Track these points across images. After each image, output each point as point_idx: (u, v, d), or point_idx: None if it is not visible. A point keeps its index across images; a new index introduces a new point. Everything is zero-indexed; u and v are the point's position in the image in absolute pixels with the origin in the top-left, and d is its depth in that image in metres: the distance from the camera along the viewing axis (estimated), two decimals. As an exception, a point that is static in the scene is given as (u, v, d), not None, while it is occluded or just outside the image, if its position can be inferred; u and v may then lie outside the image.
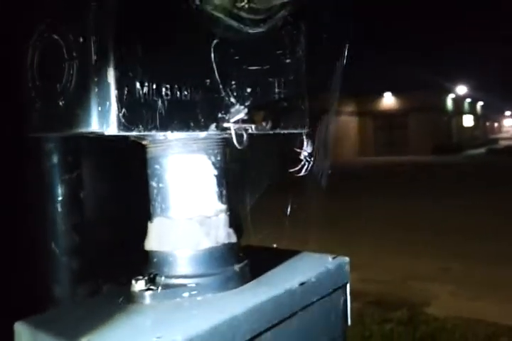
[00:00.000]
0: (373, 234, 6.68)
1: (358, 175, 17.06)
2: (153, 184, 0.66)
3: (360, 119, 30.71)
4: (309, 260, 0.80)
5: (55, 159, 0.66)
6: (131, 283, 0.63)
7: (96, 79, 0.49)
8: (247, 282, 0.68)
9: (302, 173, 0.69)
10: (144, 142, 0.67)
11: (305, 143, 0.70)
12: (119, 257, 0.69)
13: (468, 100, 42.82)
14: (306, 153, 0.69)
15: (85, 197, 0.68)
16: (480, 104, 50.45)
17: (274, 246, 0.86)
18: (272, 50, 0.72)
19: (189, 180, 0.65)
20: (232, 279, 0.66)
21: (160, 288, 0.63)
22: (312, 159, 0.68)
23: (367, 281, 4.72)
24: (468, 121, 42.67)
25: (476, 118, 47.52)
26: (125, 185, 0.74)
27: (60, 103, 0.53)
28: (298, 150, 0.70)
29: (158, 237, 0.66)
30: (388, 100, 29.92)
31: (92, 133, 0.51)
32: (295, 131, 0.77)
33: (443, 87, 32.36)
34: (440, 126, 30.06)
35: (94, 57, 0.49)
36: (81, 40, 0.50)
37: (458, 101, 37.12)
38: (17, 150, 0.64)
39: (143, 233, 0.68)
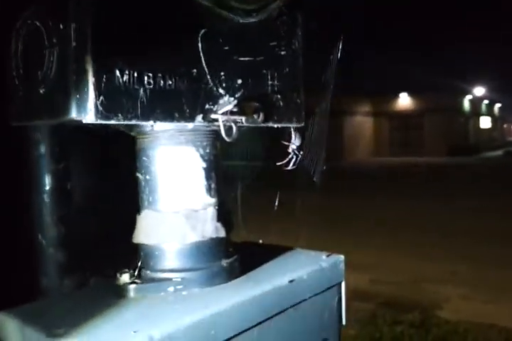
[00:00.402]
0: (384, 234, 6.63)
1: (372, 175, 16.94)
2: (141, 176, 0.65)
3: (376, 119, 30.50)
4: (303, 257, 0.78)
5: (42, 149, 0.65)
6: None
7: (75, 67, 0.48)
8: (236, 278, 0.67)
9: (290, 167, 0.67)
10: (132, 133, 0.66)
11: (293, 136, 0.68)
12: (107, 249, 0.68)
13: (486, 102, 42.26)
14: (294, 147, 0.67)
15: (72, 189, 0.67)
16: (498, 105, 49.74)
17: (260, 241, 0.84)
18: (265, 41, 0.70)
19: (176, 172, 0.64)
20: (219, 274, 0.65)
21: (145, 281, 0.62)
22: (301, 153, 0.67)
23: (378, 282, 4.69)
24: (485, 122, 42.11)
25: (494, 120, 46.87)
26: (115, 176, 0.73)
27: (41, 91, 0.52)
28: (286, 143, 0.68)
29: (144, 230, 0.65)
30: (404, 100, 29.66)
31: (72, 121, 0.50)
32: (290, 125, 0.75)
33: (460, 88, 32.00)
34: (457, 127, 29.71)
35: (73, 44, 0.48)
36: (61, 26, 0.49)
37: (475, 102, 36.65)
38: (3, 140, 0.63)
39: (132, 225, 0.67)
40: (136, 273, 0.62)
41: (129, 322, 0.54)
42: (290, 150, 0.67)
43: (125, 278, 0.61)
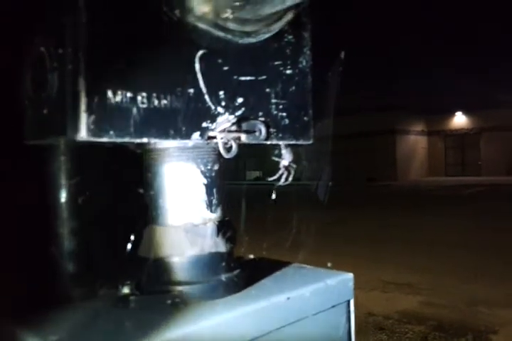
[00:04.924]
0: (440, 255, 6.41)
1: (428, 195, 16.45)
2: (146, 192, 0.68)
3: (430, 139, 29.76)
4: (309, 274, 0.78)
5: (57, 165, 0.70)
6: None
7: (70, 88, 0.51)
8: (235, 292, 0.67)
9: (282, 183, 0.68)
10: (139, 151, 0.69)
11: (283, 152, 0.69)
12: (118, 261, 0.71)
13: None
14: (285, 163, 0.68)
15: (84, 203, 0.71)
16: None
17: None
18: (269, 60, 0.72)
19: (176, 188, 0.66)
20: (217, 289, 0.66)
21: (144, 294, 0.64)
22: (294, 168, 0.67)
23: (430, 305, 4.52)
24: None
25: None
26: (126, 191, 0.76)
27: (45, 111, 0.56)
28: (276, 159, 0.69)
29: (147, 244, 0.67)
30: (460, 119, 28.80)
31: (68, 139, 0.53)
32: (297, 143, 0.76)
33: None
34: (517, 145, 28.41)
35: (69, 67, 0.52)
36: (60, 51, 0.53)
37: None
38: (20, 157, 0.68)
39: (141, 239, 0.70)
40: (136, 286, 0.64)
41: (120, 333, 0.56)
42: (281, 166, 0.68)
43: (126, 290, 0.64)
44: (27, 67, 0.60)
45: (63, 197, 0.70)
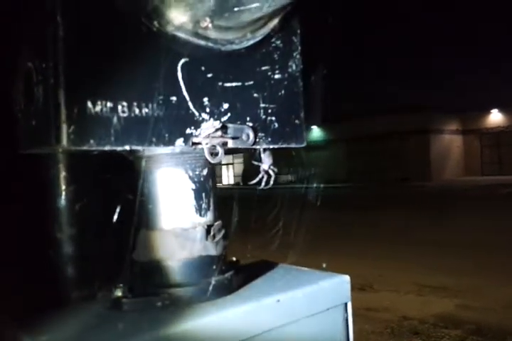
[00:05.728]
0: (476, 257, 6.25)
1: (463, 195, 16.06)
2: (137, 197, 0.70)
3: (465, 137, 29.08)
4: (303, 276, 0.78)
5: (53, 174, 0.73)
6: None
7: (52, 101, 0.54)
8: (225, 295, 0.69)
9: (262, 186, 0.69)
10: (130, 158, 0.71)
11: (262, 156, 0.70)
12: (114, 265, 0.73)
13: None
14: (265, 167, 0.69)
15: (81, 210, 0.73)
16: None
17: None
18: (256, 66, 0.73)
19: (166, 193, 0.68)
20: (207, 291, 0.67)
21: (135, 296, 0.66)
22: (274, 172, 0.68)
23: (467, 308, 4.41)
24: None
25: None
26: (119, 197, 0.78)
27: (33, 123, 0.59)
28: (256, 163, 0.69)
29: (139, 248, 0.69)
30: (495, 117, 28.04)
31: (52, 149, 0.56)
32: (288, 146, 0.77)
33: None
34: (557, 142, 27.43)
35: (51, 81, 0.54)
36: (44, 65, 0.55)
37: None
38: (18, 166, 0.72)
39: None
40: (129, 289, 0.66)
41: (107, 334, 0.58)
42: (261, 169, 0.69)
43: (118, 292, 0.66)
44: (18, 81, 0.63)
45: (60, 203, 0.73)
